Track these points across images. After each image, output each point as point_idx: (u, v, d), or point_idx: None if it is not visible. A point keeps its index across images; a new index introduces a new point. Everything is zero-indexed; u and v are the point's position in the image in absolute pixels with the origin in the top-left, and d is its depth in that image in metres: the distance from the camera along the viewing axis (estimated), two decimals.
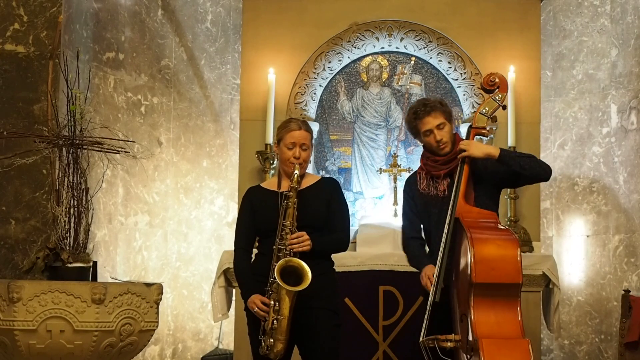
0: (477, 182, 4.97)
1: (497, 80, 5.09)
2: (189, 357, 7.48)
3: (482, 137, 5.12)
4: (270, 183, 4.94)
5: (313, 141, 4.89)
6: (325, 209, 4.79)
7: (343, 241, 4.86)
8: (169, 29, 7.57)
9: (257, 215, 4.81)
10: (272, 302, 4.57)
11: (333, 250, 4.84)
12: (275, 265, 4.57)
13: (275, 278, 4.55)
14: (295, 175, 4.68)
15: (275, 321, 4.57)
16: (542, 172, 4.98)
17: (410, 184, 5.18)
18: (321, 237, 4.72)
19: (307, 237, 4.64)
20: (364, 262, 6.33)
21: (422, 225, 5.17)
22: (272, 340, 4.58)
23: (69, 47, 6.34)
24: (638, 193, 7.19)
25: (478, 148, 4.90)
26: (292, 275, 4.58)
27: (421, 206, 5.09)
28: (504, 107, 5.15)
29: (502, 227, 4.79)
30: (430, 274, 4.89)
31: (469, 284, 4.55)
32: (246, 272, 4.79)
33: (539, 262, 6.26)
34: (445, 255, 4.78)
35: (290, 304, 4.57)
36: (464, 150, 4.89)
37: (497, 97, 5.07)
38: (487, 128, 5.06)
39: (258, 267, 4.75)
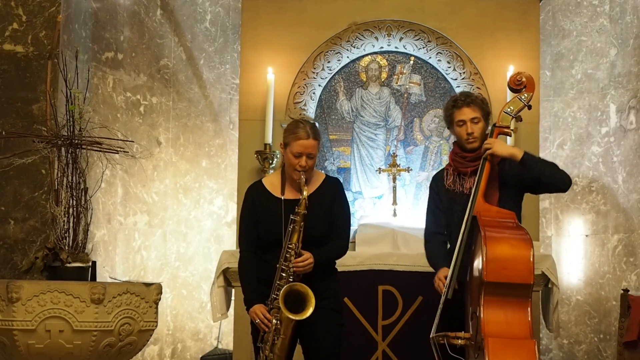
0: (502, 185, 4.97)
1: (524, 79, 5.10)
2: (188, 357, 7.48)
3: (505, 136, 5.12)
4: (273, 183, 4.87)
5: (320, 145, 4.84)
6: (327, 222, 4.78)
7: (342, 248, 4.87)
8: (168, 28, 7.57)
9: (260, 224, 4.78)
10: (274, 322, 4.59)
11: (333, 259, 4.86)
12: (280, 290, 4.57)
13: (278, 299, 4.57)
14: (304, 202, 4.64)
15: (275, 338, 4.61)
16: (560, 182, 4.98)
17: (437, 180, 5.19)
18: (322, 250, 4.71)
19: (311, 260, 4.63)
20: (363, 261, 6.33)
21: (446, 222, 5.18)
22: (271, 354, 4.62)
23: (68, 47, 6.34)
24: (637, 192, 7.19)
25: (502, 147, 4.93)
26: (296, 297, 4.60)
27: (446, 202, 5.09)
28: (530, 107, 5.15)
29: (518, 227, 4.79)
30: (444, 277, 4.90)
31: (480, 282, 4.57)
32: (250, 279, 4.78)
33: (538, 262, 6.22)
34: (460, 253, 4.80)
35: (292, 325, 4.61)
36: (488, 148, 4.90)
37: (523, 97, 5.08)
38: (512, 127, 5.08)
39: (262, 273, 4.76)
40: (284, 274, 4.61)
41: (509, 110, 5.06)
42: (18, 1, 6.23)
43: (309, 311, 4.56)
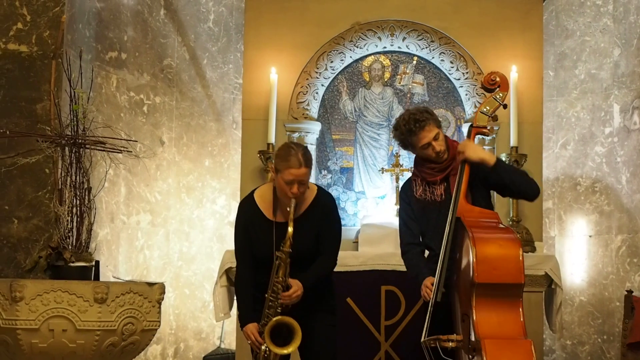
0: (473, 186, 4.97)
1: (497, 79, 5.08)
2: (191, 356, 7.50)
3: (483, 136, 5.13)
4: (264, 200, 4.86)
5: (312, 169, 4.82)
6: (317, 240, 4.80)
7: (331, 265, 4.89)
8: (171, 28, 7.58)
9: (253, 245, 4.80)
10: (263, 347, 4.65)
11: (322, 278, 4.85)
12: (269, 318, 4.64)
13: (269, 322, 4.64)
14: (289, 242, 4.63)
15: None
16: (529, 191, 4.98)
17: (406, 190, 5.14)
18: (309, 273, 4.74)
19: (299, 292, 4.66)
20: (366, 262, 6.34)
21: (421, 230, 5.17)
22: None
23: (72, 46, 6.35)
24: None
25: (474, 152, 4.88)
26: (283, 327, 4.65)
27: (419, 212, 5.05)
28: (505, 106, 5.14)
29: (504, 227, 4.79)
30: (430, 284, 4.91)
31: (470, 284, 4.56)
32: (245, 297, 4.83)
33: (541, 263, 6.27)
34: (446, 256, 4.79)
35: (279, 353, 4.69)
36: (461, 152, 4.90)
37: (498, 96, 5.07)
38: (488, 127, 5.07)
39: (258, 279, 4.81)
40: (272, 304, 4.66)
41: (485, 110, 5.05)
42: (22, 1, 6.25)
43: (294, 346, 4.62)
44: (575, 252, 7.55)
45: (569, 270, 7.49)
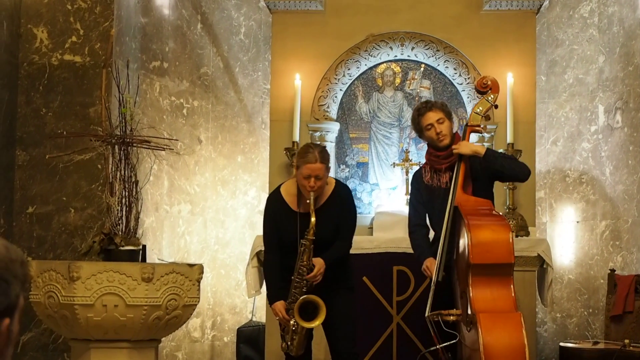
0: (474, 179, 4.98)
1: (489, 82, 5.08)
2: (226, 328, 7.53)
3: (478, 133, 5.13)
4: (289, 193, 4.89)
5: (329, 166, 4.82)
6: (336, 228, 4.83)
7: (347, 248, 4.93)
8: (207, 40, 7.60)
9: (280, 232, 4.84)
10: (292, 322, 4.68)
11: (339, 259, 4.87)
12: (295, 298, 4.67)
13: (295, 303, 4.67)
14: (312, 230, 4.66)
15: (294, 336, 4.72)
16: (520, 173, 5.01)
17: (417, 177, 5.20)
18: (329, 253, 4.77)
19: (322, 270, 4.69)
20: (380, 245, 6.35)
21: (427, 214, 5.19)
22: (291, 347, 4.75)
23: (120, 57, 6.38)
24: (622, 184, 7.17)
25: (466, 146, 4.94)
26: (309, 304, 4.69)
27: (426, 197, 5.10)
28: (496, 107, 5.14)
29: (496, 214, 4.81)
30: (430, 265, 4.94)
31: (467, 264, 4.58)
32: (273, 279, 4.88)
33: (534, 245, 6.27)
34: (446, 240, 4.82)
35: (307, 326, 4.74)
36: (456, 149, 4.94)
37: (489, 98, 5.06)
38: (482, 125, 5.08)
39: (283, 263, 4.85)
40: (297, 285, 4.69)
41: (478, 110, 5.05)
42: (76, 17, 6.29)
43: (320, 320, 4.67)
44: (564, 236, 7.52)
45: (558, 252, 7.47)
